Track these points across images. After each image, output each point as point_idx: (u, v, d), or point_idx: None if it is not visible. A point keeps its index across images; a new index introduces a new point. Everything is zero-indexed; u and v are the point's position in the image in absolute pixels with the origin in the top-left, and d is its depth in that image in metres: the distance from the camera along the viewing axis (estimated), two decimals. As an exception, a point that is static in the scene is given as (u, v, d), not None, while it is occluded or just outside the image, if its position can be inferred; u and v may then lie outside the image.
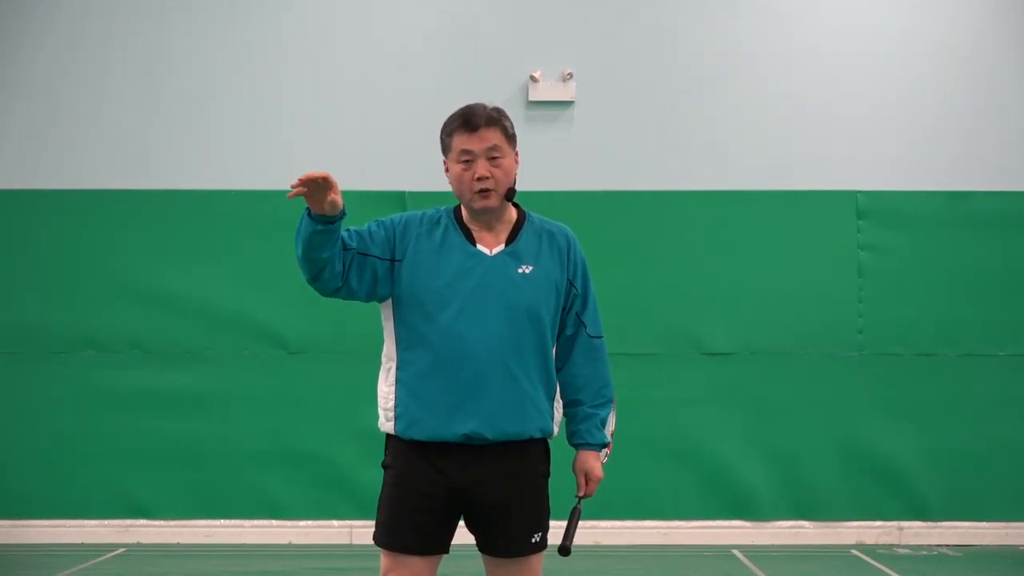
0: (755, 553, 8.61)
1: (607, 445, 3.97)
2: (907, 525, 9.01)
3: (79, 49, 9.24)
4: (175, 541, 8.96)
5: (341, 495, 8.91)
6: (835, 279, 9.09)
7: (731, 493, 9.00)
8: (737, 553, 8.63)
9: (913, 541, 8.98)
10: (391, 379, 3.81)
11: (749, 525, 9.02)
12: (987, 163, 9.20)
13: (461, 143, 3.78)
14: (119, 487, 8.98)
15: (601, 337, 3.96)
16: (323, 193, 3.57)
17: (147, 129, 9.20)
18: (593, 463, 3.93)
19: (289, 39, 9.29)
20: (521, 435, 3.78)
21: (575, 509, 3.91)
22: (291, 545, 8.94)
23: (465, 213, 3.88)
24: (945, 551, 8.77)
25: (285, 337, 9.06)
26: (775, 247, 9.12)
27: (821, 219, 9.13)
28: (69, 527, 8.96)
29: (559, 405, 3.93)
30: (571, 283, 3.89)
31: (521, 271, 3.80)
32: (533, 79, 9.19)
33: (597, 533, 8.97)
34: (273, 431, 8.97)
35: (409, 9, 9.31)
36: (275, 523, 9.01)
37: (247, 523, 9.02)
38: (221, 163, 9.19)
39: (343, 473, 8.89)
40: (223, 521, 9.02)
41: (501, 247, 3.83)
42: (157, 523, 8.99)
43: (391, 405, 3.80)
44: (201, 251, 9.11)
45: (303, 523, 8.97)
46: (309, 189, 3.56)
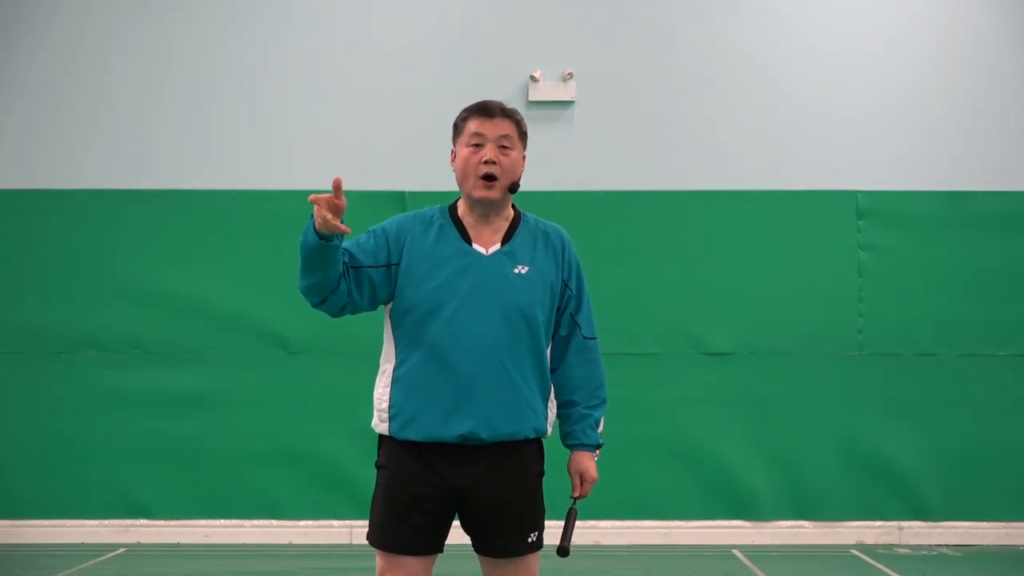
0: (755, 553, 8.61)
1: (601, 446, 3.97)
2: (907, 525, 9.01)
3: (79, 49, 9.24)
4: (175, 541, 8.96)
5: (341, 495, 8.91)
6: (835, 279, 9.09)
7: (731, 493, 9.00)
8: (737, 553, 8.62)
9: (913, 541, 8.98)
10: (387, 380, 3.81)
11: (749, 525, 9.02)
12: (987, 163, 9.20)
13: (475, 126, 3.82)
14: (119, 487, 8.98)
15: (595, 338, 3.97)
16: (333, 208, 3.56)
17: (147, 129, 9.20)
18: (588, 463, 3.93)
19: (289, 39, 9.29)
20: (516, 435, 3.77)
21: (571, 510, 3.91)
22: (291, 545, 8.94)
23: (461, 208, 3.88)
24: (945, 551, 8.77)
25: (285, 337, 9.05)
26: (775, 247, 9.12)
27: (821, 219, 9.13)
28: (69, 527, 8.96)
29: (553, 405, 3.92)
30: (565, 284, 3.89)
31: (517, 271, 3.80)
32: (533, 79, 9.19)
33: (597, 533, 8.97)
34: (273, 431, 8.97)
35: (409, 9, 9.31)
36: (275, 523, 9.01)
37: (247, 523, 9.03)
38: (221, 163, 9.20)
39: (343, 473, 8.88)
40: (223, 521, 9.02)
41: (497, 246, 3.83)
42: (157, 523, 8.99)
43: (385, 406, 3.80)
44: (201, 251, 9.11)
45: (303, 523, 8.98)
46: (326, 205, 3.55)
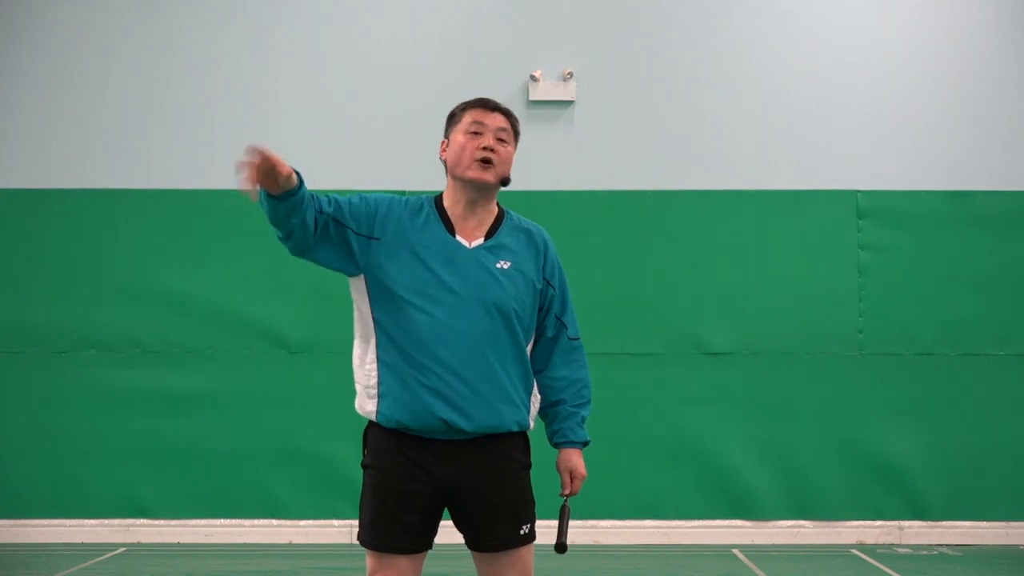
0: (755, 553, 8.61)
1: (588, 443, 3.97)
2: (907, 525, 9.00)
3: (79, 49, 9.24)
4: (175, 541, 8.96)
5: (341, 495, 8.90)
6: (835, 279, 9.09)
7: (731, 493, 9.00)
8: (737, 553, 8.62)
9: (913, 541, 8.98)
10: (371, 358, 3.82)
11: (749, 525, 9.02)
12: (988, 163, 9.19)
13: (475, 115, 3.86)
14: (119, 487, 8.98)
15: (579, 339, 3.98)
16: (272, 172, 3.50)
17: (147, 129, 9.21)
18: (577, 461, 3.94)
19: (289, 39, 9.30)
20: (499, 428, 3.77)
21: (564, 506, 3.92)
22: (291, 545, 8.94)
23: (448, 199, 3.89)
24: (945, 551, 8.77)
25: (286, 336, 9.06)
26: (775, 247, 9.11)
27: (821, 219, 9.13)
28: (69, 527, 8.97)
29: (536, 399, 3.92)
30: (548, 283, 3.91)
31: (499, 266, 3.81)
32: (533, 79, 9.19)
33: (597, 533, 8.97)
34: (274, 431, 8.98)
35: (409, 9, 9.31)
36: (275, 523, 9.02)
37: (247, 523, 9.03)
38: (221, 163, 9.11)
39: (343, 473, 8.88)
40: (223, 521, 9.03)
41: (480, 240, 3.84)
42: (157, 523, 8.99)
43: (374, 382, 3.82)
44: (201, 251, 9.11)
45: (303, 523, 8.98)
46: (259, 177, 3.48)
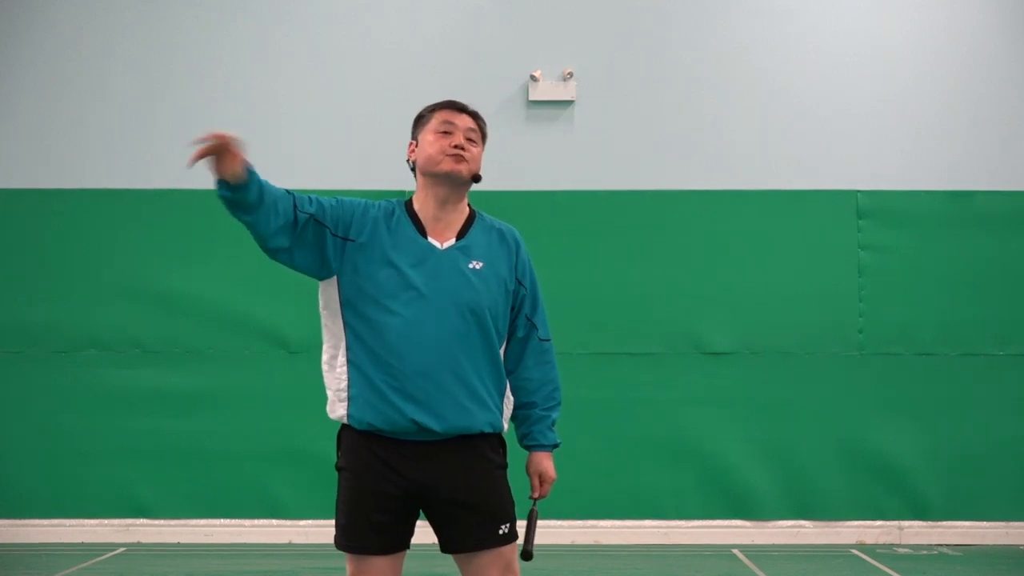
0: (755, 553, 8.61)
1: (558, 446, 3.97)
2: (907, 525, 9.00)
3: (80, 49, 9.25)
4: (175, 541, 8.96)
5: (341, 495, 8.90)
6: (835, 279, 9.09)
7: (731, 493, 9.00)
8: (737, 553, 8.62)
9: (913, 541, 8.98)
10: (341, 361, 3.79)
11: (749, 525, 9.02)
12: (988, 163, 9.19)
13: (445, 116, 3.91)
14: (119, 486, 8.98)
15: (550, 340, 3.98)
16: (227, 156, 3.61)
17: (147, 129, 9.21)
18: (547, 464, 3.94)
19: (289, 39, 9.30)
20: (470, 429, 3.77)
21: (532, 511, 3.90)
22: (291, 545, 8.94)
23: (418, 201, 3.90)
24: (945, 551, 8.77)
25: (286, 336, 9.06)
26: (775, 247, 9.11)
27: (821, 219, 9.13)
28: (69, 527, 8.97)
29: (509, 402, 3.92)
30: (520, 282, 3.92)
31: (472, 266, 3.82)
32: (533, 79, 9.19)
33: (597, 533, 8.97)
34: (274, 431, 8.98)
35: (409, 9, 9.31)
36: (275, 523, 9.02)
37: (247, 523, 9.03)
38: (221, 163, 9.19)
39: (343, 473, 8.87)
40: (223, 521, 9.03)
41: (452, 241, 3.85)
42: (157, 523, 8.99)
43: (344, 385, 3.78)
44: (201, 251, 9.11)
45: (303, 523, 8.98)
46: (216, 152, 3.60)
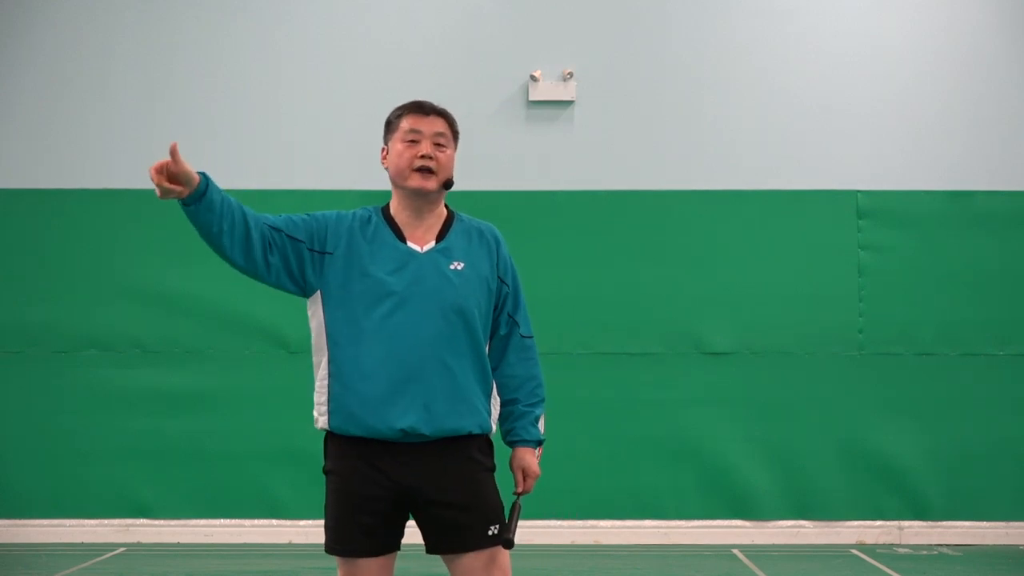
0: (755, 553, 8.61)
1: (542, 442, 3.99)
2: (907, 525, 9.00)
3: (80, 49, 9.25)
4: (175, 541, 8.96)
5: (341, 495, 8.90)
6: (835, 279, 9.09)
7: (731, 493, 9.00)
8: (737, 553, 8.63)
9: (913, 541, 8.98)
10: (323, 374, 3.80)
11: (749, 525, 9.02)
12: (988, 163, 9.19)
13: (411, 123, 3.86)
14: (119, 486, 8.98)
15: (532, 337, 3.99)
16: (177, 174, 3.62)
17: (147, 129, 9.20)
18: (530, 459, 3.95)
19: (289, 39, 9.30)
20: (459, 431, 3.78)
21: (515, 504, 3.91)
22: (291, 545, 8.94)
23: (394, 206, 3.90)
24: (945, 551, 8.77)
25: (286, 336, 9.05)
26: (775, 247, 9.11)
27: (821, 219, 9.13)
28: (69, 527, 8.97)
29: (496, 402, 3.94)
30: (501, 280, 3.92)
31: (453, 267, 3.82)
32: (533, 79, 9.19)
33: (597, 533, 8.97)
34: (274, 430, 8.97)
35: (409, 9, 9.31)
36: (275, 523, 9.02)
37: (247, 523, 9.03)
38: (221, 163, 9.15)
39: (343, 473, 8.87)
40: (223, 521, 9.03)
41: (432, 244, 3.85)
42: (157, 523, 9.00)
43: (324, 400, 3.80)
44: (202, 251, 8.93)
45: (303, 523, 8.97)
46: (168, 180, 3.61)
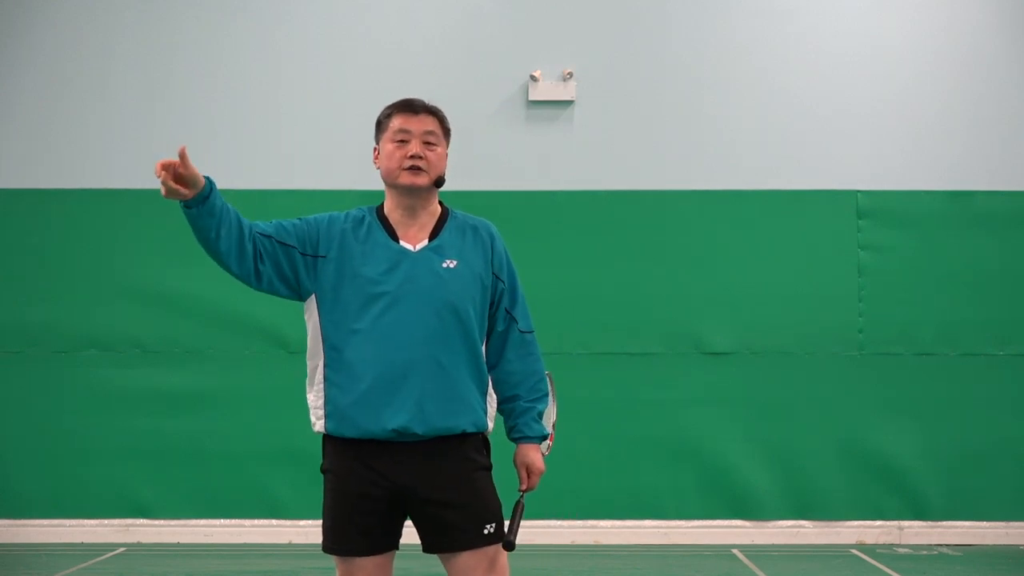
0: (755, 553, 8.61)
1: (546, 437, 3.97)
2: (907, 525, 9.00)
3: (80, 49, 9.24)
4: (175, 541, 8.96)
5: (341, 495, 8.90)
6: (835, 279, 9.09)
7: (731, 493, 9.00)
8: (737, 553, 8.63)
9: (913, 541, 8.98)
10: (319, 378, 3.82)
11: (749, 525, 9.02)
12: (988, 163, 9.19)
13: (400, 123, 3.85)
14: (119, 486, 8.98)
15: (532, 332, 3.97)
16: (184, 176, 3.65)
17: (147, 129, 9.20)
18: (534, 456, 3.93)
19: (289, 39, 9.30)
20: (453, 430, 3.78)
21: (518, 503, 3.90)
22: (291, 545, 8.94)
23: (388, 206, 3.90)
24: (945, 551, 8.77)
25: (286, 336, 9.05)
26: (775, 247, 9.12)
27: (821, 219, 9.13)
28: (69, 527, 8.97)
29: (492, 400, 3.93)
30: (497, 276, 3.91)
31: (445, 265, 3.82)
32: (533, 79, 9.19)
33: (597, 533, 8.97)
34: (274, 430, 8.97)
35: (409, 9, 9.31)
36: (275, 523, 9.02)
37: (247, 523, 9.03)
38: (221, 163, 9.15)
39: (343, 473, 8.87)
40: (223, 521, 9.03)
41: (424, 242, 3.85)
42: (157, 523, 9.00)
43: (320, 404, 3.81)
44: (201, 251, 9.03)
45: (303, 523, 8.97)
46: (173, 181, 3.63)
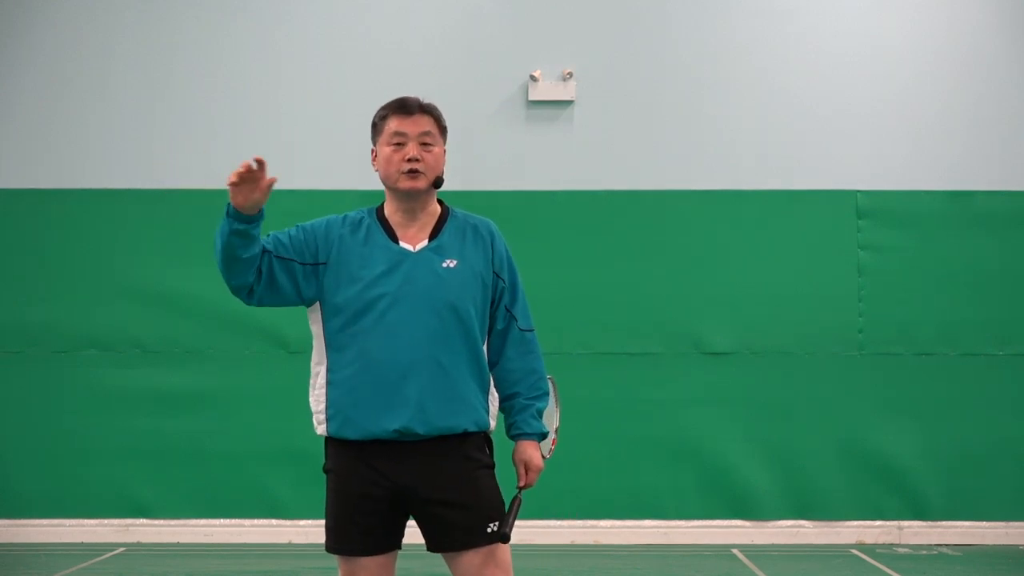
0: (755, 553, 8.61)
1: (545, 435, 3.96)
2: (907, 525, 9.01)
3: (80, 49, 9.24)
4: (175, 541, 8.96)
5: (341, 495, 8.90)
6: (835, 279, 9.09)
7: (731, 493, 9.00)
8: (737, 553, 8.63)
9: (913, 541, 8.98)
10: (321, 382, 3.81)
11: (749, 525, 9.02)
12: (988, 163, 9.19)
13: (395, 125, 3.83)
14: (119, 486, 8.98)
15: (532, 330, 3.96)
16: (254, 184, 3.57)
17: (147, 129, 9.21)
18: (532, 453, 3.91)
19: (289, 39, 9.30)
20: (454, 429, 3.77)
21: (515, 498, 3.89)
22: (291, 545, 8.94)
23: (387, 208, 3.89)
24: (945, 551, 8.77)
25: (286, 336, 9.05)
26: (775, 247, 9.12)
27: (821, 219, 9.13)
28: (69, 527, 8.97)
29: (494, 399, 3.92)
30: (497, 275, 3.89)
31: (446, 265, 3.81)
32: (533, 79, 9.19)
33: (597, 533, 8.97)
34: (273, 430, 8.97)
35: (409, 9, 9.31)
36: (275, 523, 9.02)
37: (247, 523, 9.03)
38: (221, 163, 9.12)
39: (343, 473, 8.87)
40: (223, 521, 9.03)
41: (424, 243, 3.84)
42: (157, 523, 9.00)
43: (323, 407, 3.81)
44: (201, 251, 9.00)
45: (303, 523, 8.97)
46: (244, 179, 3.56)
